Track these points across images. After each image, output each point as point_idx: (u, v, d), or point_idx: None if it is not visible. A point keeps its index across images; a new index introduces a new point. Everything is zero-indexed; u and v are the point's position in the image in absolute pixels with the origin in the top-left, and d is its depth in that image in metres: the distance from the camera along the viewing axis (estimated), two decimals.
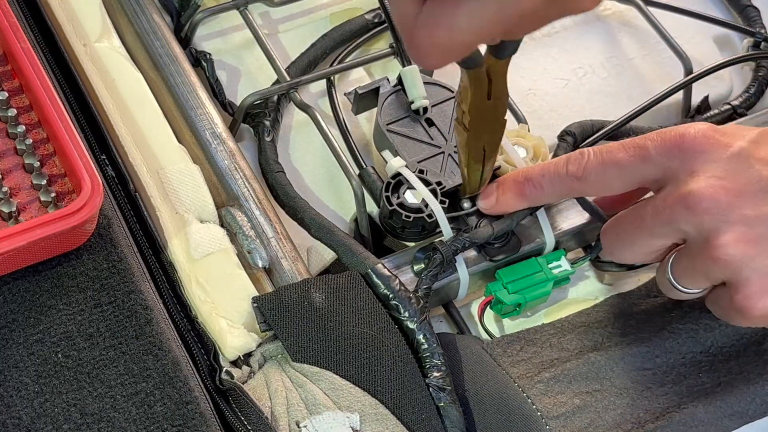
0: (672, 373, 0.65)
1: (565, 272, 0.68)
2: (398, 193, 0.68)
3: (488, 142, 0.62)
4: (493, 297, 0.67)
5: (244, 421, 0.59)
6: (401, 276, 0.65)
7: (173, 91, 0.72)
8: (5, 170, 0.64)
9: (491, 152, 0.63)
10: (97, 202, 0.61)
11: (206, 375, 0.61)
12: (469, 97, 0.57)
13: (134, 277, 0.62)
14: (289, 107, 0.78)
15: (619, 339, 0.67)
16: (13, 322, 0.60)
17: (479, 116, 0.59)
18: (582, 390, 0.64)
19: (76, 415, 0.57)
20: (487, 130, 0.61)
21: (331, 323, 0.62)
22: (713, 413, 0.64)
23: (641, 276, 0.71)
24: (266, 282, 0.66)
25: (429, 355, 0.62)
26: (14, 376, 0.58)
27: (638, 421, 0.63)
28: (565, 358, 0.65)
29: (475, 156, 0.63)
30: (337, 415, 0.58)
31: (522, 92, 0.80)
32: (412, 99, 0.71)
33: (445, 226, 0.66)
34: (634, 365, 0.65)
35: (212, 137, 0.70)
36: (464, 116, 0.59)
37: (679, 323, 0.67)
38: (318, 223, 0.68)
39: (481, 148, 0.62)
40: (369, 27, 0.81)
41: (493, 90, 0.56)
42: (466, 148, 0.62)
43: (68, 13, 0.75)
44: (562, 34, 0.84)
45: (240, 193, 0.68)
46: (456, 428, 0.60)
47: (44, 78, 0.64)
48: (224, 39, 0.82)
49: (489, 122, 0.60)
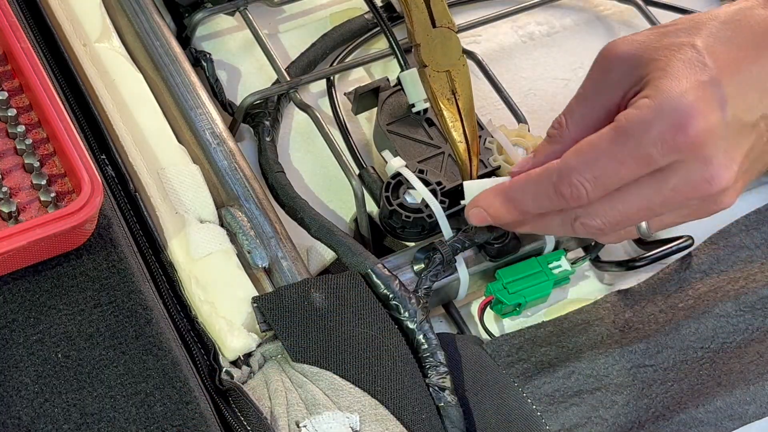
0: (672, 370, 0.65)
1: (565, 272, 0.68)
2: (398, 193, 0.68)
3: (457, 81, 0.64)
4: (493, 297, 0.67)
5: (244, 421, 0.59)
6: (401, 276, 0.65)
7: (173, 91, 0.72)
8: (5, 170, 0.64)
9: (465, 98, 0.64)
10: (97, 202, 0.61)
11: (206, 375, 0.61)
12: (413, 23, 0.62)
13: (134, 277, 0.62)
14: (289, 107, 0.78)
15: (618, 337, 0.67)
16: (13, 322, 0.60)
17: (427, 42, 0.62)
18: (582, 389, 0.64)
19: (76, 415, 0.57)
20: (444, 62, 0.63)
21: (331, 323, 0.62)
22: (713, 413, 0.64)
23: (641, 275, 0.71)
24: (266, 282, 0.66)
25: (429, 355, 0.62)
26: (14, 376, 0.58)
27: (638, 421, 0.63)
28: (565, 357, 0.65)
29: (447, 102, 0.64)
30: (336, 415, 0.58)
31: (522, 92, 0.80)
32: (413, 102, 0.71)
33: (445, 226, 0.66)
34: (634, 363, 0.65)
35: (212, 137, 0.70)
36: (418, 51, 0.65)
37: (679, 319, 0.67)
38: (318, 223, 0.68)
39: (448, 89, 0.63)
40: (369, 27, 0.81)
41: (434, 12, 0.59)
42: (434, 92, 0.64)
43: (68, 13, 0.75)
44: (562, 34, 0.84)
45: (240, 193, 0.68)
46: (456, 428, 0.60)
47: (44, 78, 0.64)
48: (224, 39, 0.82)
49: (441, 49, 0.62)
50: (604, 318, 0.68)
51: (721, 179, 0.56)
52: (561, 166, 0.58)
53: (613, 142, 0.57)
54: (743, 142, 0.57)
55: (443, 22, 0.68)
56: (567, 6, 0.86)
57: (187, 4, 0.79)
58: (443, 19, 0.68)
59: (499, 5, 0.84)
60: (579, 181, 0.57)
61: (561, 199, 0.58)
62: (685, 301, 0.69)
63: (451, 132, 0.66)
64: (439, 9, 0.67)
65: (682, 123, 0.55)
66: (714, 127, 0.56)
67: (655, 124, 0.55)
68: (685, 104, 0.55)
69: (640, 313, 0.68)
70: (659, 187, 0.57)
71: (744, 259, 0.71)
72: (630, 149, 0.56)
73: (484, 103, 0.79)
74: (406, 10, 0.68)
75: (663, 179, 0.57)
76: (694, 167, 0.56)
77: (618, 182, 0.57)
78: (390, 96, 0.73)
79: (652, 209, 0.58)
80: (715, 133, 0.56)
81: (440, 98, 0.67)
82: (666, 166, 0.56)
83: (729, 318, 0.68)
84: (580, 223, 0.59)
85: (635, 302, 0.69)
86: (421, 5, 0.67)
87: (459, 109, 0.66)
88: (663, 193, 0.57)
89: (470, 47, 0.80)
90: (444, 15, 0.68)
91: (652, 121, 0.56)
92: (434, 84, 0.67)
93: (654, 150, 0.55)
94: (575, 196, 0.57)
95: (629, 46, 0.59)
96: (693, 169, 0.56)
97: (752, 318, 0.68)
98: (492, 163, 0.70)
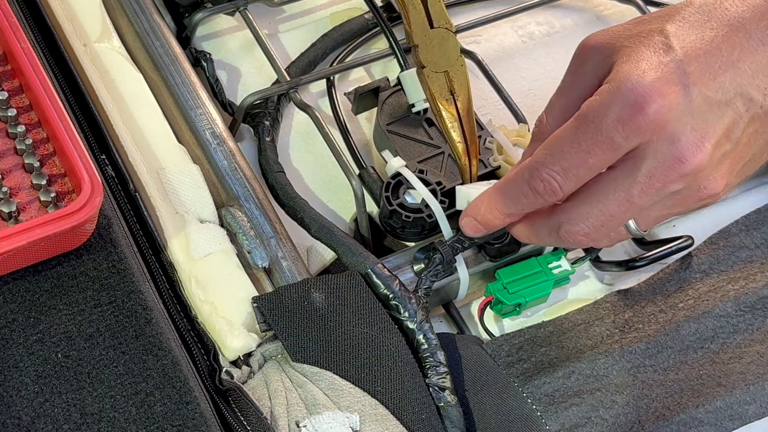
0: (672, 370, 0.65)
1: (565, 272, 0.68)
2: (398, 193, 0.68)
3: (456, 81, 0.64)
4: (493, 297, 0.67)
5: (244, 421, 0.59)
6: (401, 276, 0.65)
7: (173, 91, 0.72)
8: (5, 170, 0.64)
9: (463, 98, 0.64)
10: (97, 202, 0.61)
11: (206, 375, 0.61)
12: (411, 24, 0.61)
13: (134, 277, 0.62)
14: (289, 107, 0.78)
15: (618, 337, 0.67)
16: (13, 322, 0.60)
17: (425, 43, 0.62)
18: (582, 389, 0.64)
19: (76, 415, 0.57)
20: (442, 63, 0.63)
21: (331, 323, 0.62)
22: (713, 413, 0.64)
23: (641, 275, 0.71)
24: (266, 282, 0.66)
25: (429, 355, 0.62)
26: (14, 376, 0.58)
27: (638, 421, 0.63)
28: (565, 357, 0.65)
29: (445, 102, 0.64)
30: (336, 415, 0.58)
31: (522, 92, 0.80)
32: (413, 102, 0.71)
33: (445, 226, 0.66)
34: (634, 363, 0.65)
35: (212, 137, 0.70)
36: (416, 52, 0.65)
37: (679, 319, 0.67)
38: (318, 223, 0.68)
39: (447, 90, 0.63)
40: (369, 27, 0.81)
41: (432, 13, 0.59)
42: (432, 93, 0.64)
43: (68, 13, 0.75)
44: (562, 33, 0.84)
45: (240, 193, 0.68)
46: (456, 428, 0.60)
47: (44, 78, 0.64)
48: (224, 39, 0.82)
49: (439, 50, 0.62)
50: (604, 318, 0.68)
51: (693, 157, 0.55)
52: (531, 162, 0.58)
53: (576, 131, 0.56)
54: (714, 120, 0.56)
55: (441, 22, 0.67)
56: (567, 6, 0.86)
57: (187, 4, 0.79)
58: (441, 19, 0.67)
59: (499, 5, 0.84)
60: (549, 175, 0.57)
61: (536, 195, 0.58)
62: (685, 301, 0.69)
63: (450, 132, 0.66)
64: (437, 9, 0.67)
65: (639, 102, 0.54)
66: (675, 104, 0.54)
67: (613, 106, 0.55)
68: (643, 84, 0.54)
69: (640, 313, 0.68)
70: (633, 175, 0.56)
71: (744, 259, 0.71)
72: (592, 135, 0.55)
73: (484, 103, 0.79)
74: (403, 11, 0.68)
75: (634, 166, 0.56)
76: (661, 147, 0.55)
77: (588, 172, 0.56)
78: (390, 96, 0.73)
79: (633, 201, 0.57)
80: (676, 109, 0.55)
81: (439, 99, 0.67)
82: (635, 152, 0.55)
83: (729, 318, 0.68)
84: (565, 231, 0.58)
85: (635, 302, 0.69)
86: (418, 6, 0.67)
87: (458, 110, 0.66)
88: (638, 180, 0.56)
89: (470, 47, 0.80)
90: (441, 15, 0.68)
91: (609, 103, 0.55)
92: (432, 85, 0.67)
93: (615, 133, 0.55)
94: (548, 190, 0.57)
95: (603, 37, 0.59)
96: (660, 149, 0.55)
97: (752, 318, 0.68)
98: (492, 163, 0.70)
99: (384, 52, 0.77)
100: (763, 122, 0.57)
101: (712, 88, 0.55)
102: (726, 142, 0.56)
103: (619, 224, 0.58)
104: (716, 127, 0.56)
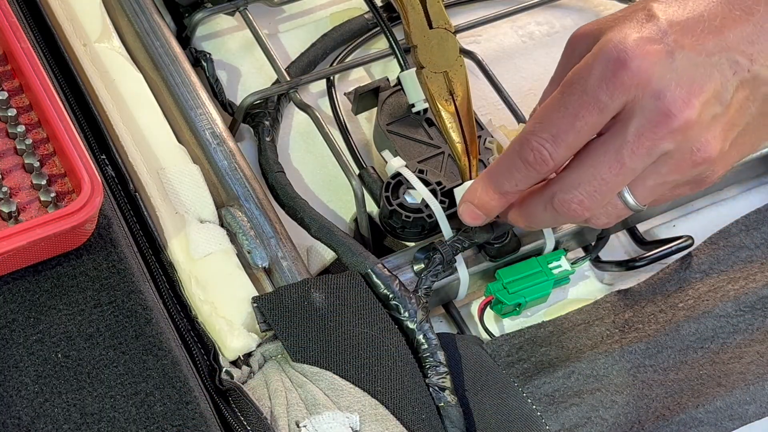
0: (672, 370, 0.65)
1: (565, 272, 0.68)
2: (398, 193, 0.68)
3: (455, 82, 0.64)
4: (493, 297, 0.67)
5: (244, 421, 0.59)
6: (401, 276, 0.65)
7: (173, 91, 0.72)
8: (5, 170, 0.64)
9: (462, 99, 0.64)
10: (97, 202, 0.61)
11: (206, 375, 0.61)
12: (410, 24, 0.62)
13: (134, 277, 0.62)
14: (289, 107, 0.78)
15: (618, 337, 0.67)
16: (13, 322, 0.60)
17: (424, 43, 0.62)
18: (582, 389, 0.64)
19: (76, 415, 0.57)
20: (441, 63, 0.63)
21: (331, 323, 0.62)
22: (713, 413, 0.64)
23: (641, 275, 0.71)
24: (266, 282, 0.66)
25: (429, 355, 0.62)
26: (14, 376, 0.58)
27: (638, 421, 0.63)
28: (565, 357, 0.65)
29: (444, 102, 0.64)
30: (336, 415, 0.58)
31: (522, 92, 0.80)
32: (413, 102, 0.71)
33: (445, 226, 0.66)
34: (634, 363, 0.65)
35: (212, 137, 0.70)
36: (415, 53, 0.65)
37: (679, 319, 0.67)
38: (318, 223, 0.68)
39: (446, 90, 0.63)
40: (369, 27, 0.81)
41: (431, 13, 0.59)
42: (431, 94, 0.64)
43: (68, 13, 0.75)
44: (562, 33, 0.84)
45: (240, 193, 0.68)
46: (456, 428, 0.60)
47: (44, 78, 0.64)
48: (224, 39, 0.82)
49: (438, 50, 0.62)
50: (604, 318, 0.68)
51: (681, 112, 0.55)
52: (521, 134, 0.58)
53: (561, 96, 0.56)
54: (700, 77, 0.55)
55: (440, 23, 0.68)
56: (567, 6, 0.86)
57: (187, 4, 0.79)
58: (440, 20, 0.68)
59: (499, 5, 0.84)
60: (539, 143, 0.56)
61: (528, 167, 0.57)
62: (685, 301, 0.69)
63: (450, 133, 0.66)
64: (436, 10, 0.67)
65: (621, 58, 0.54)
66: (657, 60, 0.54)
67: (596, 66, 0.55)
68: (625, 43, 0.55)
69: (640, 313, 0.68)
70: (622, 135, 0.55)
71: (744, 259, 0.71)
72: (578, 97, 0.55)
73: (484, 103, 0.79)
74: (402, 12, 0.68)
75: (622, 126, 0.55)
76: (647, 103, 0.55)
77: (577, 137, 0.56)
78: (390, 96, 0.73)
79: (624, 163, 0.56)
80: (659, 65, 0.54)
81: (438, 99, 0.67)
82: (622, 113, 0.55)
83: (729, 318, 0.68)
84: (558, 200, 0.58)
85: (635, 302, 0.69)
86: (417, 6, 0.67)
87: (457, 110, 0.66)
88: (628, 140, 0.55)
89: (470, 47, 0.80)
90: (441, 16, 0.68)
91: (593, 64, 0.55)
92: (432, 85, 0.67)
93: (600, 92, 0.55)
94: (539, 159, 0.57)
95: (591, 25, 0.59)
96: (646, 105, 0.55)
97: (752, 318, 0.68)
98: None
99: (384, 52, 0.77)
100: (752, 89, 0.57)
101: (695, 49, 0.55)
102: (715, 102, 0.56)
103: (613, 190, 0.57)
104: (703, 86, 0.55)
